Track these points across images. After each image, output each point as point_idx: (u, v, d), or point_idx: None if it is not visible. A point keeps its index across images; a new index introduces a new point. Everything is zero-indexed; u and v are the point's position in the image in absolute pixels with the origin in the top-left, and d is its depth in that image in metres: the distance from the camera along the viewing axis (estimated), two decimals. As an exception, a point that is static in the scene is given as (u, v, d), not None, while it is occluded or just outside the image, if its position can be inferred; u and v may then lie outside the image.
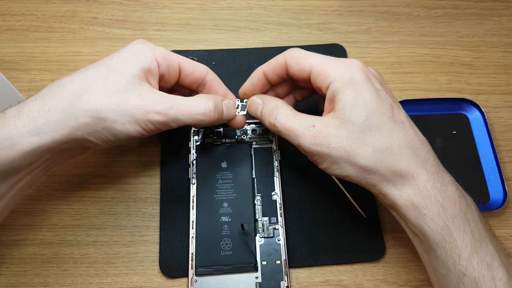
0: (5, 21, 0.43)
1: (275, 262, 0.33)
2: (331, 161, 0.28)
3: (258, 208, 0.35)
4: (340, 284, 0.34)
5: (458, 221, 0.26)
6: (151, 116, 0.28)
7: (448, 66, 0.43)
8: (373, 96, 0.28)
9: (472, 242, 0.26)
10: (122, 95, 0.28)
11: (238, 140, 0.37)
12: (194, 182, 0.35)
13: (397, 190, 0.27)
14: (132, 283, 0.33)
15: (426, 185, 0.27)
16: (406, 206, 0.27)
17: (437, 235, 0.26)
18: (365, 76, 0.29)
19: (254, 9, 0.46)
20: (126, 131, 0.28)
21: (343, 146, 0.27)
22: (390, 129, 0.28)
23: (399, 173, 0.27)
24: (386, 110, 0.28)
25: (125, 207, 0.35)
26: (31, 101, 0.28)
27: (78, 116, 0.27)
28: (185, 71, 0.32)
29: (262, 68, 0.33)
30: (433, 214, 0.26)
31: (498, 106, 0.41)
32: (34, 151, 0.27)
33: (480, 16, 0.46)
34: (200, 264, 0.32)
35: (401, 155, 0.27)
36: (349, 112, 0.28)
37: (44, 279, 0.33)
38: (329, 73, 0.29)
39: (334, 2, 0.46)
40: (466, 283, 0.25)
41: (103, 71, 0.29)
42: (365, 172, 0.28)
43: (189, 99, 0.30)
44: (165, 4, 0.45)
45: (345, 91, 0.28)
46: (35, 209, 0.35)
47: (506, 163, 0.39)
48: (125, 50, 0.30)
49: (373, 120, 0.28)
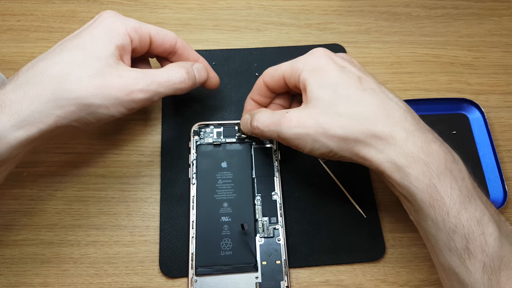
0: (5, 21, 0.43)
1: (275, 262, 0.33)
2: (311, 140, 0.28)
3: (258, 208, 0.35)
4: (340, 284, 0.34)
5: (444, 178, 0.26)
6: (134, 95, 0.29)
7: (448, 66, 0.43)
8: (337, 73, 0.29)
9: (460, 198, 0.25)
10: (103, 78, 0.28)
11: (238, 140, 0.37)
12: (194, 182, 0.35)
13: (379, 153, 0.27)
14: (132, 283, 0.33)
15: (407, 143, 0.27)
16: (390, 168, 0.27)
17: (423, 194, 0.26)
18: (328, 59, 0.30)
19: (254, 9, 0.46)
20: (109, 113, 0.29)
21: (318, 122, 0.28)
22: (360, 97, 0.28)
23: (377, 135, 0.27)
24: (352, 81, 0.29)
25: (125, 207, 0.36)
26: (11, 91, 0.27)
27: (63, 105, 0.27)
28: (156, 42, 0.33)
29: (249, 98, 0.35)
30: (417, 173, 0.26)
31: (498, 106, 0.41)
32: (21, 143, 0.27)
33: (480, 16, 0.46)
34: (200, 264, 0.32)
35: (376, 118, 0.27)
36: (317, 91, 0.29)
37: (44, 279, 0.33)
38: (297, 68, 0.31)
39: (334, 2, 0.46)
40: (457, 240, 0.25)
41: (79, 54, 0.28)
42: (345, 142, 0.28)
43: (164, 71, 0.31)
44: (165, 4, 0.45)
45: (312, 76, 0.30)
46: (35, 209, 0.35)
47: (506, 163, 0.39)
48: (97, 27, 0.30)
49: (341, 93, 0.28)
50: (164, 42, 0.33)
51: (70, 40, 0.30)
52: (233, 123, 0.38)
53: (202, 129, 0.37)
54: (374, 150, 0.27)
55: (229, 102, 0.40)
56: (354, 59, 0.32)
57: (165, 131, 0.38)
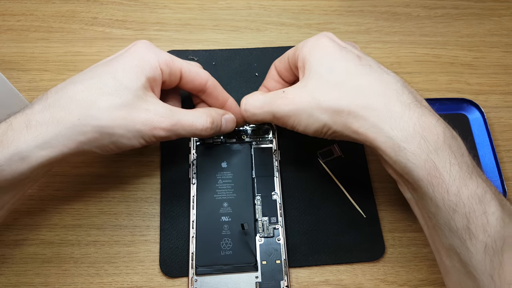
0: (5, 21, 0.43)
1: (275, 262, 0.33)
2: (306, 116, 0.28)
3: (258, 208, 0.35)
4: (340, 283, 0.34)
5: (442, 153, 0.24)
6: (156, 132, 0.29)
7: (448, 66, 0.43)
8: (336, 49, 0.29)
9: (460, 174, 0.24)
10: (130, 110, 0.28)
11: (238, 140, 0.37)
12: (194, 182, 0.35)
13: (373, 127, 0.26)
14: (133, 283, 0.33)
15: (403, 116, 0.25)
16: (385, 143, 0.26)
17: (421, 171, 0.24)
18: (328, 39, 0.30)
19: (254, 9, 0.46)
20: (131, 143, 0.29)
21: (312, 95, 0.28)
22: (357, 71, 0.28)
23: (371, 106, 0.26)
24: (351, 57, 0.29)
25: (126, 207, 0.36)
26: (38, 112, 0.27)
27: (87, 132, 0.27)
28: (186, 78, 0.33)
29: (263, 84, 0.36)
30: (413, 147, 0.25)
31: (498, 106, 0.41)
32: (42, 164, 0.27)
33: (480, 16, 0.46)
34: (200, 264, 0.32)
35: (371, 90, 0.27)
36: (315, 66, 0.29)
37: (44, 278, 0.33)
38: (297, 48, 0.31)
39: (334, 2, 0.46)
40: (457, 219, 0.24)
41: (110, 82, 0.28)
42: (338, 114, 0.27)
43: (191, 114, 0.31)
44: (165, 4, 0.45)
45: (311, 53, 0.29)
46: (35, 209, 0.35)
47: (506, 163, 0.39)
48: (129, 56, 0.30)
49: (338, 67, 0.28)
50: (194, 80, 0.33)
51: (102, 66, 0.30)
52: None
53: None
54: (368, 123, 0.26)
55: (229, 102, 0.40)
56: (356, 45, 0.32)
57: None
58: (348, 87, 0.27)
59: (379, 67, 0.29)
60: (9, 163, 0.26)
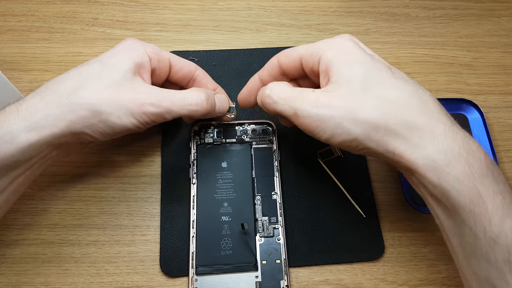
0: (6, 22, 0.44)
1: (275, 262, 0.33)
2: (334, 124, 0.25)
3: (258, 208, 0.35)
4: (340, 283, 0.34)
5: (486, 181, 0.22)
6: (145, 108, 0.29)
7: (447, 67, 0.43)
8: (366, 57, 0.27)
9: (503, 204, 0.22)
10: (116, 89, 0.29)
11: (238, 140, 0.37)
12: (194, 182, 0.35)
13: (414, 147, 0.24)
14: (133, 282, 0.33)
15: (447, 137, 0.23)
16: (426, 166, 0.23)
17: (464, 198, 0.23)
18: (354, 43, 0.28)
19: (254, 10, 0.46)
20: (122, 123, 0.29)
21: (346, 104, 0.25)
22: (393, 83, 0.26)
23: (413, 125, 0.24)
24: (383, 68, 0.27)
25: (126, 206, 0.36)
26: (29, 98, 0.28)
27: (75, 110, 0.28)
28: (175, 66, 0.33)
29: (257, 74, 0.33)
30: (458, 173, 0.23)
31: (497, 106, 0.42)
32: (33, 145, 0.27)
33: (479, 17, 0.46)
34: (201, 264, 0.32)
35: (411, 106, 0.24)
36: (345, 72, 0.26)
37: (45, 278, 0.33)
38: (318, 49, 0.28)
39: (334, 3, 0.46)
40: (497, 251, 0.22)
41: (97, 66, 0.30)
42: (374, 129, 0.24)
43: (181, 92, 0.31)
44: (166, 5, 0.45)
45: (338, 57, 0.27)
46: (36, 209, 0.35)
47: (505, 163, 0.39)
48: (117, 47, 0.31)
49: (372, 76, 0.26)
50: (184, 68, 0.34)
51: (92, 59, 0.31)
52: (233, 123, 0.38)
53: (202, 129, 0.38)
54: (407, 143, 0.24)
55: (229, 103, 0.40)
56: None
57: (166, 131, 0.38)
58: (386, 100, 0.25)
59: (413, 81, 0.27)
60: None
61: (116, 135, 0.30)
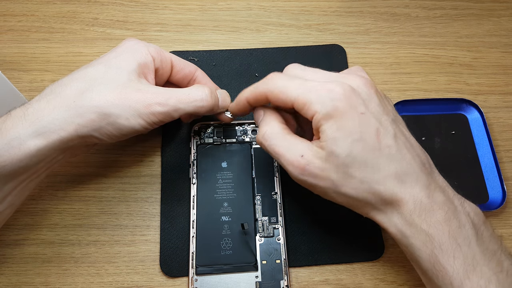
0: (6, 22, 0.44)
1: (275, 262, 0.33)
2: (320, 190, 0.29)
3: (258, 208, 0.35)
4: (340, 283, 0.34)
5: (446, 248, 0.26)
6: (153, 108, 0.29)
7: (447, 67, 0.43)
8: (355, 124, 0.27)
9: (463, 267, 0.25)
10: (123, 90, 0.29)
11: (238, 140, 0.37)
12: (194, 182, 0.35)
13: (386, 217, 0.28)
14: (133, 282, 0.33)
15: (412, 214, 0.27)
16: (396, 234, 0.28)
17: (426, 263, 0.26)
18: (347, 103, 0.27)
19: (254, 10, 0.46)
20: (130, 125, 0.29)
21: (330, 179, 0.27)
22: (376, 160, 0.27)
23: (386, 201, 0.27)
24: (370, 137, 0.27)
25: (126, 206, 0.36)
26: (35, 101, 0.28)
27: (83, 113, 0.28)
28: (177, 66, 0.34)
29: (245, 96, 0.31)
30: (419, 244, 0.26)
31: (497, 106, 0.42)
32: (41, 150, 0.27)
33: (479, 17, 0.46)
34: (201, 264, 0.32)
35: (387, 184, 0.27)
36: (332, 145, 0.27)
37: (45, 278, 0.33)
38: (310, 105, 0.27)
39: (334, 3, 0.46)
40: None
41: (102, 68, 0.30)
42: (355, 201, 0.28)
43: (186, 89, 0.31)
44: (166, 5, 0.45)
45: (327, 123, 0.27)
46: (36, 209, 0.35)
47: (505, 163, 0.39)
48: (120, 48, 0.31)
49: (357, 152, 0.27)
50: (185, 68, 0.34)
51: (96, 60, 0.31)
52: (233, 123, 0.38)
53: (202, 129, 0.38)
54: (382, 214, 0.28)
55: (229, 103, 0.40)
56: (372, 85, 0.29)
57: (166, 131, 0.38)
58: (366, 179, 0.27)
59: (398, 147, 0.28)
60: (7, 149, 0.26)
61: (123, 137, 0.30)
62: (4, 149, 0.26)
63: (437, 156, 0.29)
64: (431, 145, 0.39)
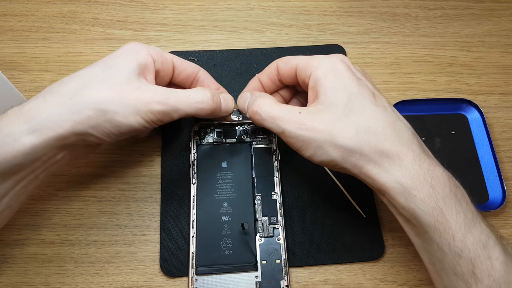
0: (6, 22, 0.44)
1: (275, 262, 0.33)
2: (315, 146, 0.28)
3: (258, 208, 0.35)
4: (340, 283, 0.34)
5: (449, 202, 0.26)
6: (152, 106, 0.29)
7: (447, 67, 0.43)
8: (353, 81, 0.29)
9: (465, 222, 0.25)
10: (122, 88, 0.29)
11: (238, 140, 0.37)
12: (194, 182, 0.35)
13: (384, 172, 0.27)
14: (133, 282, 0.33)
15: (414, 165, 0.26)
16: (395, 189, 0.27)
17: (429, 217, 0.26)
18: (345, 66, 0.30)
19: (254, 10, 0.46)
20: (128, 123, 0.28)
21: (327, 129, 0.28)
22: (373, 111, 0.28)
23: (384, 153, 0.27)
24: (367, 94, 0.29)
25: (126, 206, 0.36)
26: (32, 100, 0.28)
27: (80, 110, 0.27)
28: (179, 67, 0.34)
29: (257, 76, 0.35)
30: (423, 195, 0.26)
31: (497, 106, 0.42)
32: (36, 148, 0.27)
33: (479, 17, 0.46)
34: (201, 264, 0.32)
35: (385, 135, 0.27)
36: (331, 95, 0.28)
37: (45, 278, 0.33)
38: (311, 64, 0.30)
39: (334, 3, 0.46)
40: (462, 264, 0.25)
41: (101, 67, 0.30)
42: (350, 153, 0.27)
43: (186, 90, 0.31)
44: (166, 5, 0.45)
45: (326, 76, 0.29)
46: (36, 209, 0.35)
47: (505, 163, 0.39)
48: (120, 49, 0.31)
49: (355, 103, 0.28)
50: (187, 69, 0.34)
51: (96, 61, 0.31)
52: (233, 123, 0.38)
53: (202, 129, 0.38)
54: (379, 168, 0.27)
55: (229, 103, 0.40)
56: (367, 75, 0.32)
57: (166, 131, 0.38)
58: (364, 128, 0.27)
59: (392, 109, 0.29)
60: (1, 145, 0.26)
61: (122, 135, 0.29)
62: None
63: (437, 156, 0.29)
64: (431, 145, 0.39)
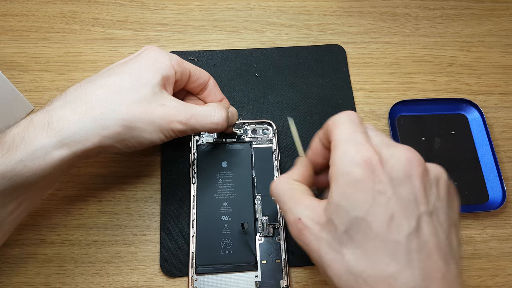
0: (6, 22, 0.44)
1: (275, 261, 0.33)
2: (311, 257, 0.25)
3: (258, 208, 0.35)
4: (340, 283, 0.34)
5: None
6: (173, 124, 0.30)
7: (447, 67, 0.43)
8: (366, 201, 0.22)
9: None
10: (149, 105, 0.29)
11: (238, 140, 0.37)
12: (194, 182, 0.35)
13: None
14: (133, 282, 0.33)
15: None
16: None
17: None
18: (368, 173, 0.23)
19: (254, 10, 0.46)
20: (151, 138, 0.30)
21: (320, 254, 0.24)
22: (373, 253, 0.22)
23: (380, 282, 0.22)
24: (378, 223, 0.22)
25: (126, 206, 0.36)
26: (59, 108, 0.28)
27: (109, 125, 0.28)
28: (193, 76, 0.34)
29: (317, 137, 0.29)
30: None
31: (497, 106, 0.42)
32: (64, 160, 0.27)
33: (479, 17, 0.46)
34: (201, 263, 0.32)
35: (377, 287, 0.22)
36: (335, 211, 0.23)
37: (45, 278, 0.33)
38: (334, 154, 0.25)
39: (334, 3, 0.46)
40: None
41: (127, 79, 0.30)
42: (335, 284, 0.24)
43: (204, 109, 0.32)
44: (166, 5, 0.46)
45: (337, 183, 0.23)
46: (36, 209, 0.35)
47: (505, 163, 0.39)
48: (144, 58, 0.31)
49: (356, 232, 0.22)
50: (200, 78, 0.35)
51: (118, 67, 0.31)
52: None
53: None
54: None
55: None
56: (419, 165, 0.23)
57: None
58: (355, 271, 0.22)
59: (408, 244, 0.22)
60: (31, 159, 0.26)
61: (140, 147, 0.30)
62: (29, 159, 0.26)
63: (437, 156, 0.29)
64: (431, 145, 0.39)
